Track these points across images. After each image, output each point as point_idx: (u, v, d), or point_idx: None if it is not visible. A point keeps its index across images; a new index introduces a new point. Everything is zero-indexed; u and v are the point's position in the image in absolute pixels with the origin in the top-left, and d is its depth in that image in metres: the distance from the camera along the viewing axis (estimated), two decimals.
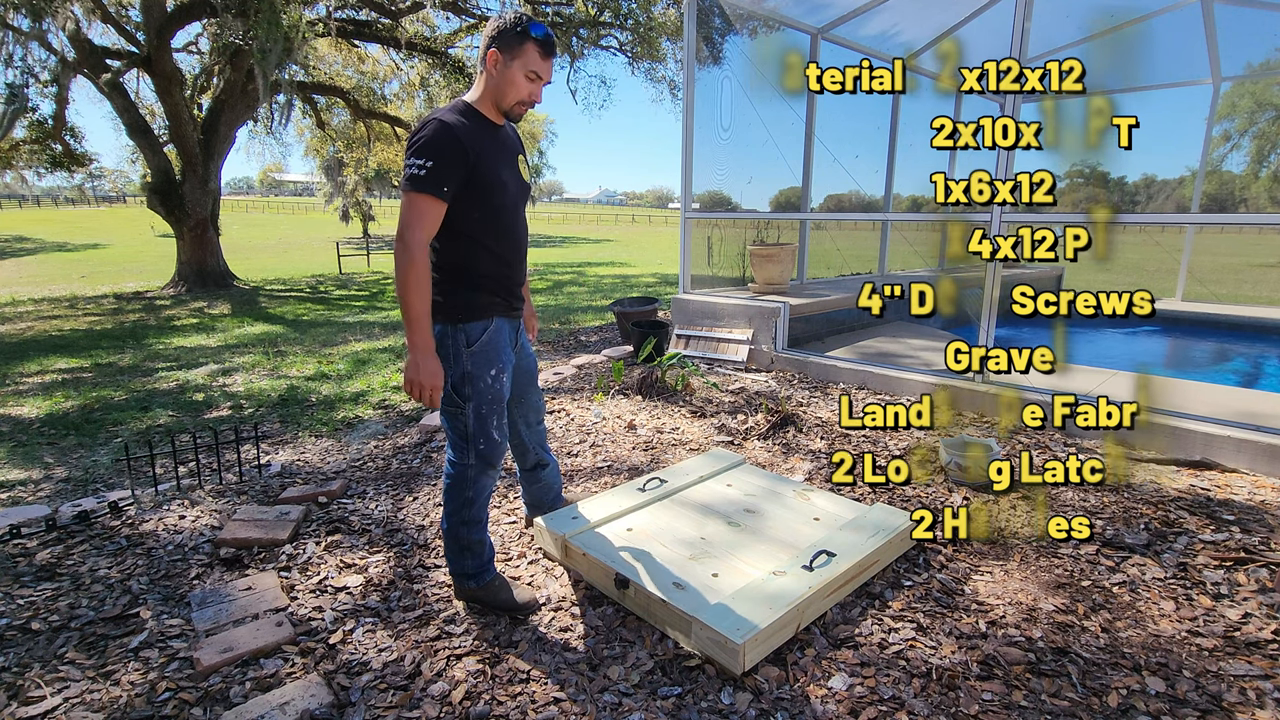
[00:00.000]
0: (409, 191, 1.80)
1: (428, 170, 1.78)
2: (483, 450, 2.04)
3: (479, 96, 1.95)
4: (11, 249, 23.53)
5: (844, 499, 2.75)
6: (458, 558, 2.15)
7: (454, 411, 2.02)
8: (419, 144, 1.80)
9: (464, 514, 2.10)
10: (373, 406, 4.48)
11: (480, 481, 2.09)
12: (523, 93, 1.92)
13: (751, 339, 5.29)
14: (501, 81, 1.90)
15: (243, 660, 1.94)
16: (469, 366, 1.97)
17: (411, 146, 1.82)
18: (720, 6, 6.55)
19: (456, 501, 2.09)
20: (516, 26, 1.85)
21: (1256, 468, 3.15)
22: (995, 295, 4.00)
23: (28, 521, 2.74)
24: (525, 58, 1.88)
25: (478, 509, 2.12)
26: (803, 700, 1.76)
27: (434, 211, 1.82)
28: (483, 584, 2.16)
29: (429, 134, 1.79)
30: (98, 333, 7.70)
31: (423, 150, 1.78)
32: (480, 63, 1.94)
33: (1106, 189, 30.55)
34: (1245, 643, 1.96)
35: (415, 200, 1.80)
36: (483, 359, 1.99)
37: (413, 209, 1.80)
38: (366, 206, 31.28)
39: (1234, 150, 22.54)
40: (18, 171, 13.11)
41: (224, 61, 11.15)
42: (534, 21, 1.87)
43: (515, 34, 1.85)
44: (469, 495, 2.08)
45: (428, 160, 1.78)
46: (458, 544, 2.13)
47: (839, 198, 8.40)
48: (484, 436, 2.04)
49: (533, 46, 1.87)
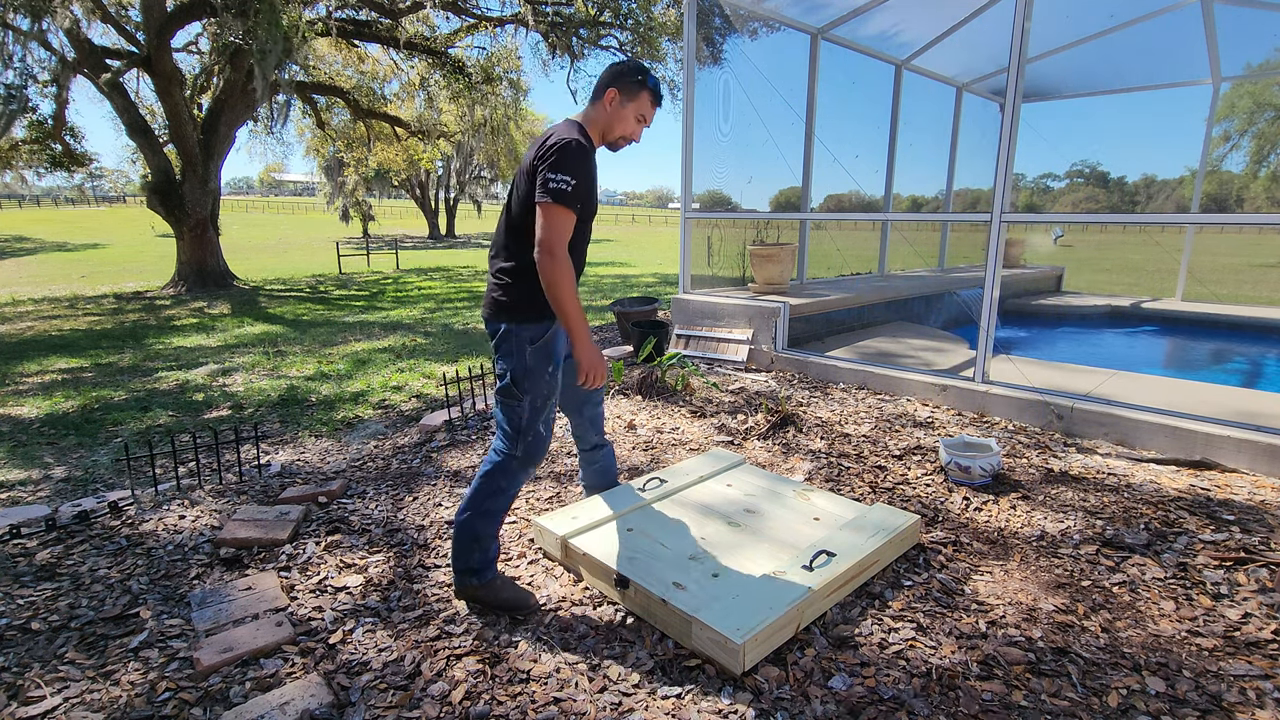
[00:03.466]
0: (555, 204, 1.92)
1: (572, 187, 1.92)
2: (530, 443, 2.12)
3: (589, 124, 2.11)
4: (11, 249, 23.53)
5: (844, 499, 2.75)
6: (465, 551, 2.14)
7: (511, 404, 2.10)
8: (564, 161, 1.92)
9: (489, 504, 2.12)
10: (373, 406, 4.48)
11: (518, 475, 2.14)
12: (629, 131, 2.14)
13: (751, 339, 5.29)
14: (614, 118, 2.11)
15: (243, 660, 1.94)
16: (530, 362, 2.08)
17: (553, 161, 1.93)
18: (720, 6, 6.55)
19: (487, 489, 2.12)
20: (638, 74, 2.10)
21: (1256, 468, 3.15)
22: (995, 296, 4.00)
23: (28, 521, 2.74)
24: (639, 102, 2.12)
25: (504, 501, 2.15)
26: (803, 700, 1.76)
27: (571, 224, 1.98)
28: (484, 581, 2.16)
29: (574, 153, 1.94)
30: (98, 333, 7.70)
31: (568, 168, 1.93)
32: (594, 95, 2.14)
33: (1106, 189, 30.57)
34: (1245, 643, 1.96)
35: (561, 213, 1.93)
36: (543, 355, 2.10)
37: (561, 221, 1.93)
38: (366, 206, 31.29)
39: (1234, 150, 22.55)
40: (18, 171, 13.11)
41: (224, 61, 11.14)
42: (652, 74, 2.12)
43: (635, 81, 2.09)
44: (502, 485, 2.12)
45: (571, 177, 1.92)
46: (470, 535, 2.13)
47: (839, 198, 8.41)
48: (534, 431, 2.11)
49: (647, 95, 2.12)
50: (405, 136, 17.58)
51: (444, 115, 15.83)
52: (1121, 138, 32.09)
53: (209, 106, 11.71)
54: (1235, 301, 9.39)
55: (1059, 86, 8.41)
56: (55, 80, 10.49)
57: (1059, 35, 6.97)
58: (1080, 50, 7.17)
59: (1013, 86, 3.84)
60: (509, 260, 2.07)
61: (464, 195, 35.82)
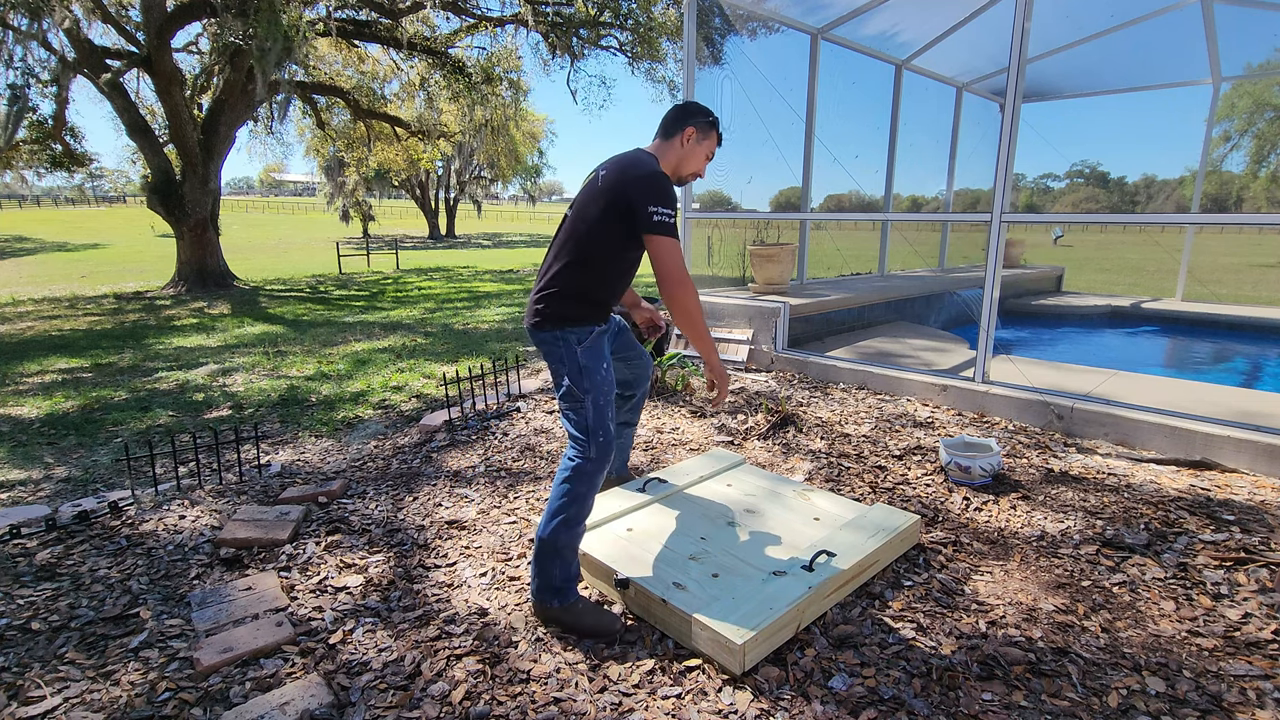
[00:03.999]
0: (666, 236, 2.05)
1: (671, 218, 2.07)
2: (601, 443, 2.11)
3: (660, 157, 2.23)
4: (11, 249, 23.53)
5: (844, 499, 2.75)
6: (546, 566, 2.06)
7: (575, 406, 2.13)
8: (664, 195, 2.06)
9: (571, 511, 2.07)
10: (373, 406, 4.48)
11: (595, 477, 2.11)
12: (699, 168, 2.31)
13: (751, 339, 5.29)
14: (688, 154, 2.26)
15: (243, 660, 1.94)
16: (584, 361, 2.14)
17: (654, 195, 2.05)
18: (720, 6, 6.55)
19: (568, 498, 2.07)
20: (709, 116, 2.27)
21: (1256, 468, 3.15)
22: (995, 295, 4.00)
23: (28, 521, 2.74)
24: (710, 142, 2.29)
25: (584, 509, 2.10)
26: (803, 700, 1.76)
27: (680, 250, 2.12)
28: (566, 603, 2.07)
29: (667, 188, 2.09)
30: (98, 333, 7.70)
31: (667, 200, 2.07)
32: (665, 132, 2.26)
33: (1106, 189, 30.55)
34: (1245, 643, 1.96)
35: (673, 244, 2.08)
36: (594, 354, 2.17)
37: (675, 250, 2.08)
38: (367, 206, 31.29)
39: (1234, 150, 22.53)
40: (18, 171, 13.11)
41: (224, 61, 11.13)
42: (715, 118, 2.28)
43: (708, 121, 2.26)
44: (582, 490, 2.08)
45: (670, 209, 2.06)
46: (552, 547, 2.06)
47: (839, 198, 8.41)
48: (602, 429, 2.11)
49: (716, 135, 2.30)
50: (405, 136, 17.58)
51: (444, 115, 15.84)
52: (1121, 138, 32.10)
53: (209, 106, 11.70)
54: (1235, 301, 9.39)
55: (1059, 86, 8.41)
56: (55, 80, 10.49)
57: (1059, 35, 6.96)
58: (1080, 50, 7.17)
59: (1013, 86, 3.84)
60: (566, 274, 2.15)
61: (464, 195, 35.85)
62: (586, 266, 2.13)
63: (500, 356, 5.81)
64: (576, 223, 2.14)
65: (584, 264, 2.13)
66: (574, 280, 2.14)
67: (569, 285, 2.14)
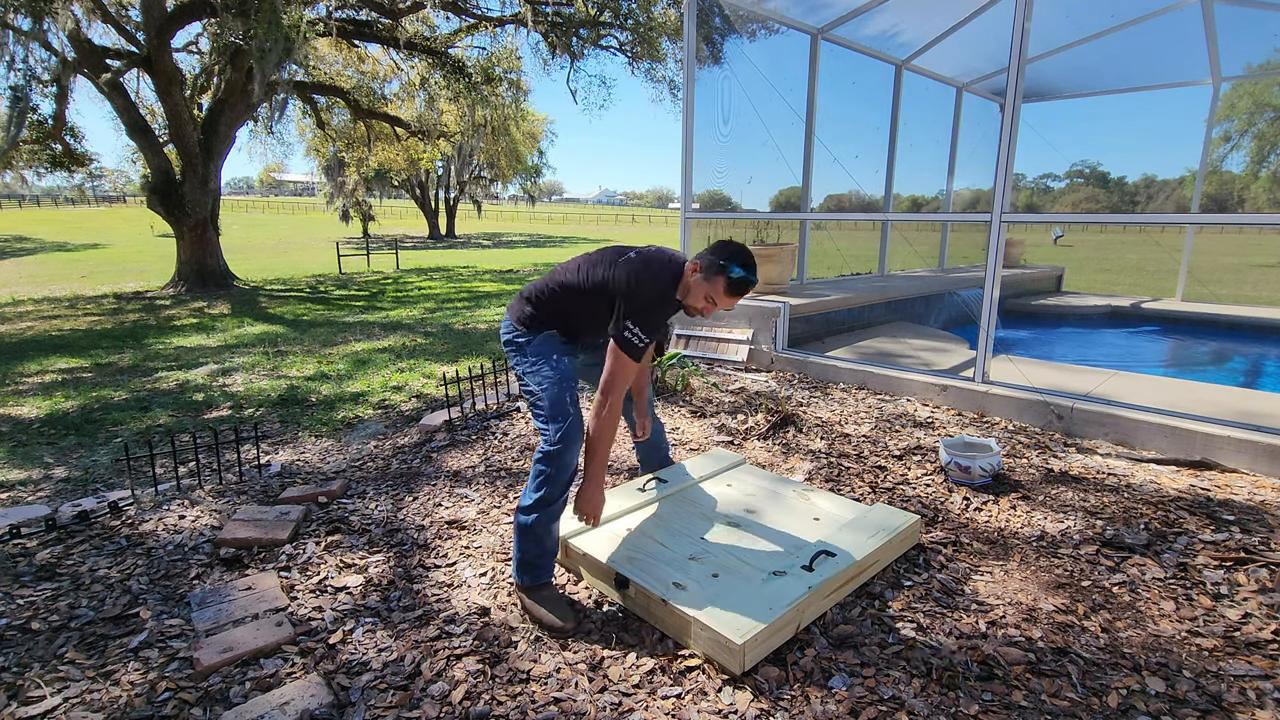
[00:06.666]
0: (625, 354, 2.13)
1: (640, 342, 2.13)
2: (564, 425, 2.15)
3: (688, 274, 2.23)
4: (11, 249, 23.52)
5: (844, 499, 2.75)
6: (520, 543, 2.18)
7: (533, 394, 2.24)
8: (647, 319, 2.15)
9: (544, 491, 2.14)
10: (373, 406, 4.48)
11: (563, 458, 2.15)
12: (699, 306, 2.23)
13: (751, 339, 5.29)
14: (692, 287, 2.22)
15: (243, 660, 1.94)
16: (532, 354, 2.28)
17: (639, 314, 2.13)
18: (720, 6, 6.55)
19: (541, 478, 2.16)
20: (723, 258, 2.14)
21: (1256, 468, 3.15)
22: (996, 295, 4.00)
23: (28, 521, 2.74)
24: (713, 284, 2.16)
25: (559, 488, 2.15)
26: (803, 700, 1.76)
27: (634, 373, 2.19)
28: (530, 583, 2.17)
29: (655, 314, 2.19)
30: (98, 333, 7.70)
31: (647, 326, 2.15)
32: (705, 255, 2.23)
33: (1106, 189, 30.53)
34: (1245, 643, 1.96)
35: (628, 364, 2.13)
36: (542, 348, 2.30)
37: (626, 371, 2.14)
38: (367, 206, 31.27)
39: (1234, 151, 22.52)
40: (18, 171, 13.10)
41: (224, 61, 11.13)
42: (739, 266, 2.13)
43: (718, 264, 2.15)
44: (552, 472, 2.15)
45: (645, 334, 2.12)
46: (525, 526, 2.16)
47: (839, 198, 8.40)
48: (561, 414, 2.16)
49: (722, 281, 2.14)
50: (405, 136, 17.58)
51: (444, 115, 15.84)
52: (1121, 138, 32.05)
53: (209, 106, 11.70)
54: (1235, 301, 9.39)
55: (1059, 86, 8.41)
56: (56, 80, 10.48)
57: (1059, 35, 6.96)
58: (1080, 50, 7.16)
59: (1013, 86, 3.84)
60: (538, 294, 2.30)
61: (464, 195, 35.83)
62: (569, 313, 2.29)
63: (500, 356, 5.81)
64: (587, 269, 2.26)
65: (567, 312, 2.29)
66: (540, 300, 2.30)
67: (543, 307, 2.30)
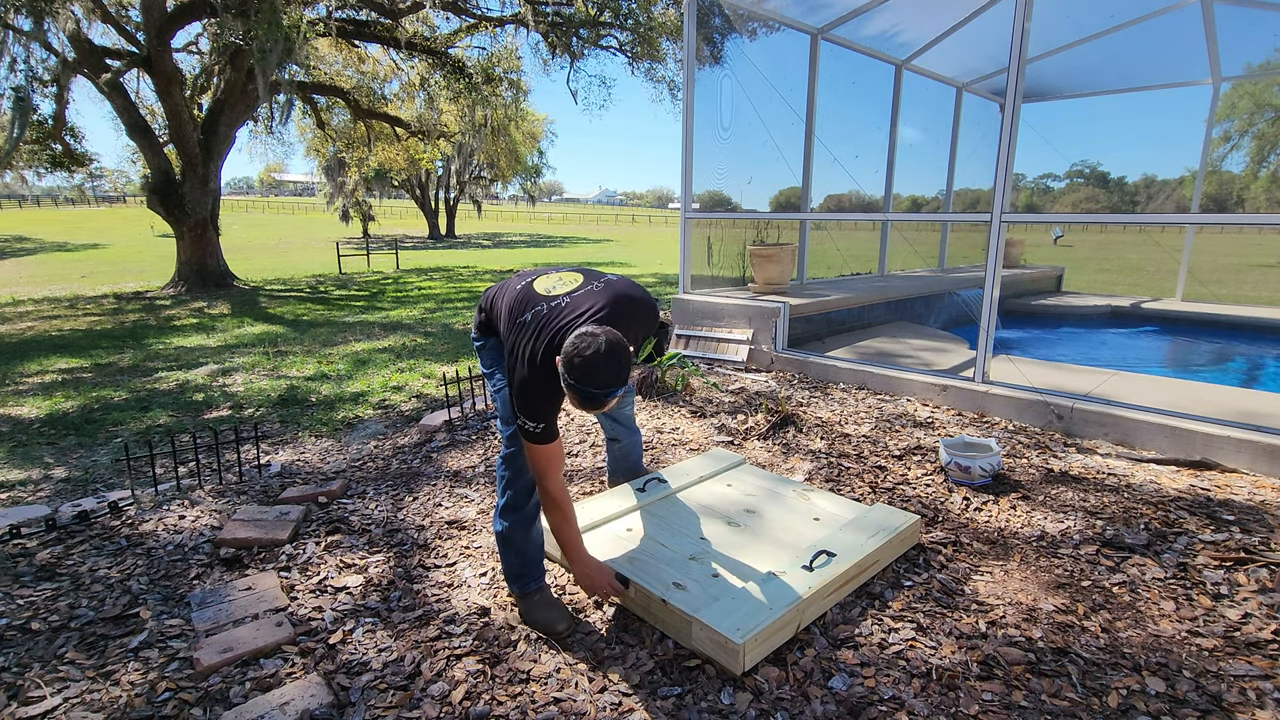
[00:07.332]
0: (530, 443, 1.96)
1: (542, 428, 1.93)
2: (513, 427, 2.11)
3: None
4: (11, 249, 23.52)
5: (844, 499, 2.75)
6: (502, 555, 2.17)
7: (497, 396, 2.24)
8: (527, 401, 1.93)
9: (508, 498, 2.13)
10: (373, 406, 4.48)
11: (519, 460, 2.12)
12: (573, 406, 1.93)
13: (751, 339, 5.29)
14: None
15: (243, 660, 1.94)
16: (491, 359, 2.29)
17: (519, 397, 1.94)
18: (720, 6, 6.55)
19: (503, 484, 2.16)
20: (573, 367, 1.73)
21: (1256, 468, 3.15)
22: (995, 295, 4.00)
23: (28, 521, 2.74)
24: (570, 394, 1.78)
25: (521, 491, 2.13)
26: (803, 700, 1.76)
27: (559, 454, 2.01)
28: (521, 591, 2.15)
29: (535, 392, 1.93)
30: (98, 333, 7.70)
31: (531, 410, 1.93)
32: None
33: (1106, 189, 30.50)
34: (1245, 643, 1.96)
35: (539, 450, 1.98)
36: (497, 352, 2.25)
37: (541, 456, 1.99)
38: (367, 206, 31.26)
39: (1234, 150, 22.51)
40: (18, 171, 13.09)
41: (224, 61, 11.13)
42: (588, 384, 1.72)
43: (568, 381, 1.75)
44: (511, 475, 2.14)
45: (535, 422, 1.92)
46: (502, 538, 2.16)
47: (839, 198, 8.40)
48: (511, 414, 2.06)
49: (575, 397, 1.76)
50: (405, 136, 17.57)
51: (444, 115, 15.83)
52: (1121, 138, 32.01)
53: (209, 106, 11.70)
54: (1235, 301, 9.39)
55: (1059, 86, 8.41)
56: (56, 80, 10.48)
57: (1059, 35, 6.96)
58: (1080, 50, 7.16)
59: (1013, 86, 3.84)
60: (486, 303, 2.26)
61: (464, 195, 35.83)
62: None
63: None
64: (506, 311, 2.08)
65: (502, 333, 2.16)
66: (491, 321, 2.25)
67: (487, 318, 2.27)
